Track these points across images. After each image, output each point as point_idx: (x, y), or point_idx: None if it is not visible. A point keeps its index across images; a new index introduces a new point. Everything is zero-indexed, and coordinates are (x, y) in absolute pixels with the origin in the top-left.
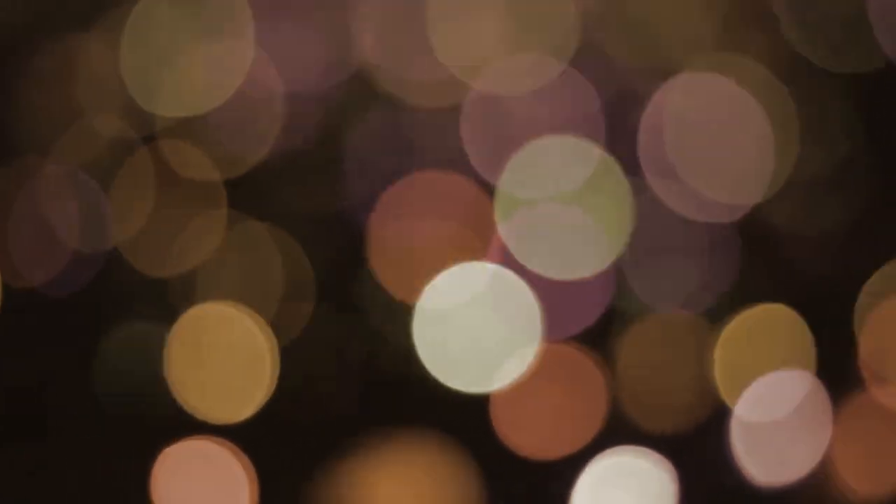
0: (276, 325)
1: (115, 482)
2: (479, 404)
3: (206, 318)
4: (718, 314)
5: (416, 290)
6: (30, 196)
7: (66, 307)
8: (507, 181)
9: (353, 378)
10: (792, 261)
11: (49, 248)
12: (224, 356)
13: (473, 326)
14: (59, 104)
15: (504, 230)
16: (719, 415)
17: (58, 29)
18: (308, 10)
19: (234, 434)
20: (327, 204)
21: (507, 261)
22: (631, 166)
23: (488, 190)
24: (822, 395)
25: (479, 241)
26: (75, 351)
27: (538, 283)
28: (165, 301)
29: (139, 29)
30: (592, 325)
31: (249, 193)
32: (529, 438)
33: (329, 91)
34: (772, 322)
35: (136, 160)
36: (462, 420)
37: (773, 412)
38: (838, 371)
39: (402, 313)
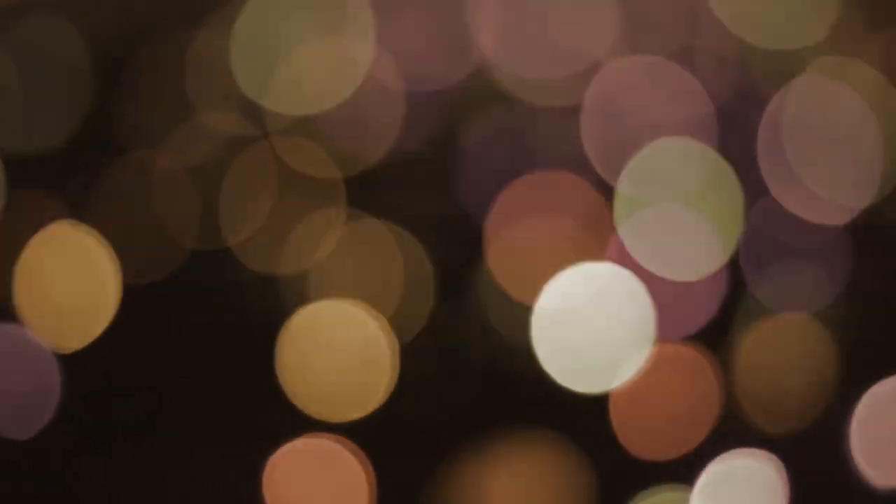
0: (396, 324)
1: (230, 482)
2: (595, 404)
3: (325, 316)
4: (833, 315)
5: (534, 291)
6: (147, 193)
7: (182, 305)
8: (626, 182)
9: (472, 378)
10: None
11: (166, 246)
12: (343, 354)
13: (590, 327)
14: (175, 100)
15: (621, 231)
16: (836, 416)
17: (173, 24)
18: (427, 9)
19: (352, 433)
20: (446, 203)
21: (624, 261)
22: (746, 168)
23: (606, 190)
24: None
25: (596, 242)
26: (191, 350)
27: (653, 284)
28: (281, 299)
29: (256, 24)
30: (707, 325)
31: (368, 192)
32: (645, 439)
33: (448, 90)
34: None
35: (253, 157)
36: (579, 420)
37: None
38: None
39: (520, 313)
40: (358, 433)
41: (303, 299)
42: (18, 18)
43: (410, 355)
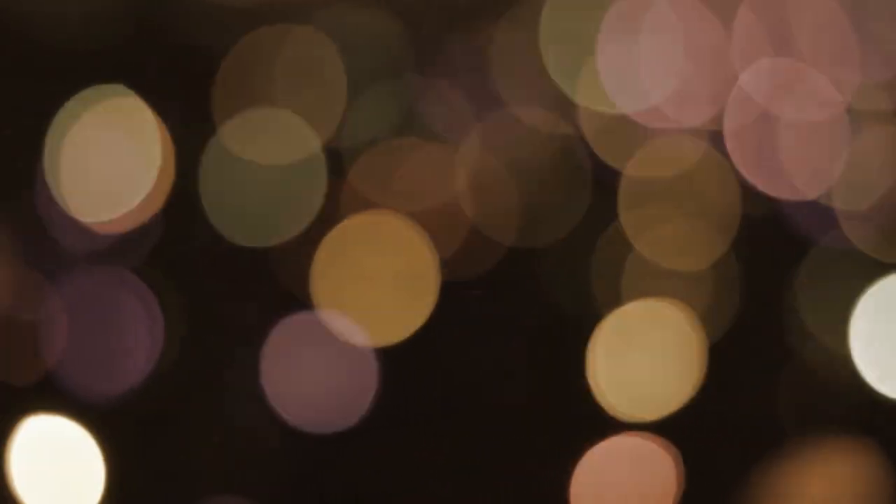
0: (704, 322)
1: (539, 480)
2: None
3: (637, 316)
4: None
5: (851, 296)
6: (465, 188)
7: (496, 303)
8: None
9: (776, 377)
10: None
11: (484, 244)
12: (653, 353)
13: None
14: (490, 95)
15: None
16: None
17: (487, 17)
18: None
19: (661, 431)
20: (757, 204)
21: None
22: None
23: None
24: None
25: None
26: (504, 347)
27: None
28: (591, 300)
29: (563, 18)
30: None
31: (680, 192)
32: None
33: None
34: None
35: (568, 155)
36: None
37: None
38: None
39: (834, 316)
40: (666, 431)
41: (612, 300)
42: (342, 13)
43: (716, 353)
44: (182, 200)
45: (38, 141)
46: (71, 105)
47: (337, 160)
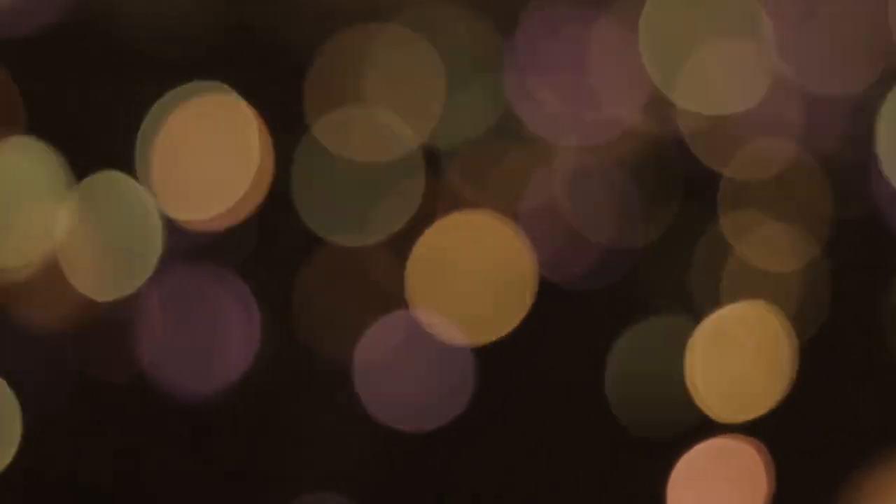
0: (796, 324)
1: (632, 483)
2: None
3: (732, 318)
4: None
5: None
6: (561, 188)
7: (590, 304)
8: None
9: (867, 378)
10: None
11: (581, 244)
12: (747, 355)
13: None
14: (584, 94)
15: None
16: None
17: (576, 19)
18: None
19: (752, 432)
20: (855, 207)
21: None
22: None
23: None
24: None
25: None
26: (598, 348)
27: None
28: (690, 301)
29: (662, 18)
30: None
31: (776, 195)
32: None
33: (858, 92)
34: None
35: (664, 156)
36: None
37: None
38: None
39: None
40: (758, 432)
41: (711, 301)
42: (438, 12)
43: (808, 355)
44: (279, 199)
45: (137, 139)
46: (169, 102)
47: (434, 159)
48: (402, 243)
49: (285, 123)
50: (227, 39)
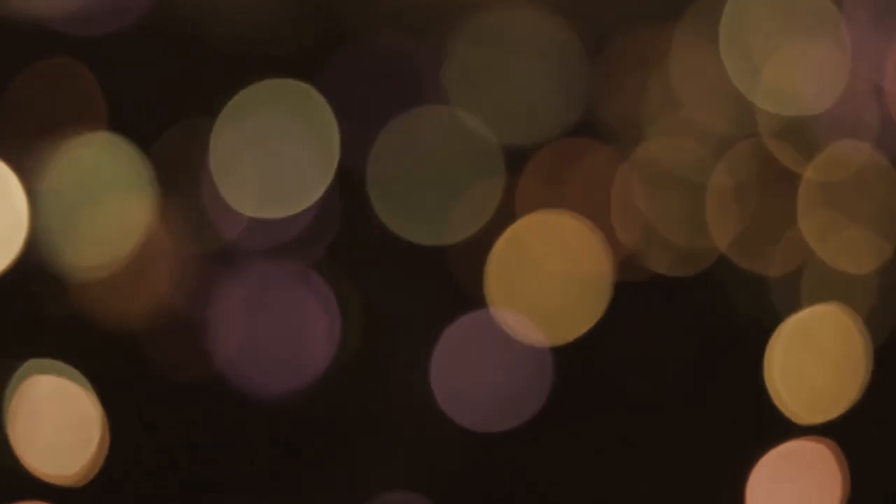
0: (870, 325)
1: (713, 485)
2: None
3: (812, 320)
4: None
5: None
6: (636, 189)
7: (670, 303)
8: None
9: None
10: None
11: (659, 244)
12: (824, 357)
13: None
14: (664, 95)
15: None
16: None
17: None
18: None
19: (827, 433)
20: None
21: None
22: None
23: None
24: None
25: None
26: (676, 349)
27: None
28: (769, 302)
29: (743, 20)
30: None
31: (854, 196)
32: None
33: None
34: None
35: (743, 156)
36: None
37: None
38: None
39: None
40: (833, 433)
41: (792, 303)
42: (518, 12)
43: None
44: (359, 197)
45: (216, 136)
46: (248, 99)
47: (513, 159)
48: (481, 243)
49: (364, 121)
50: (306, 37)
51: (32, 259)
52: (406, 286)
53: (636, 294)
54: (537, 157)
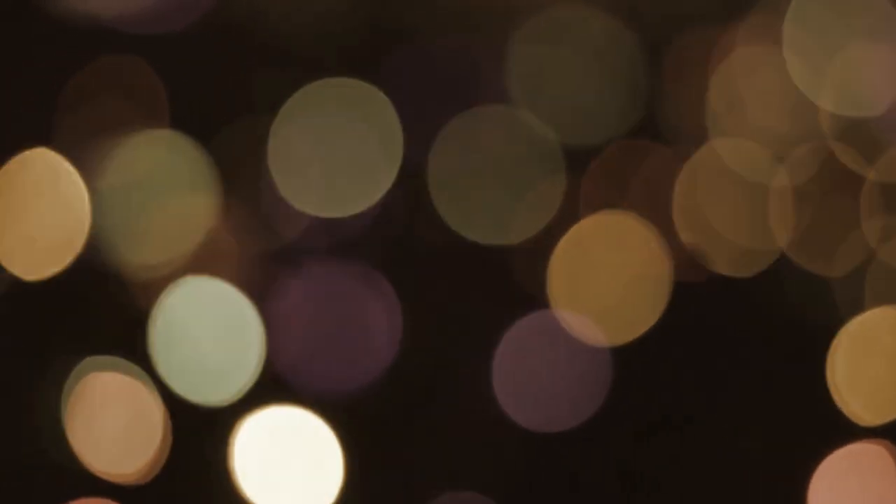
0: None
1: (770, 485)
2: None
3: (877, 323)
4: None
5: None
6: (699, 191)
7: (729, 303)
8: None
9: None
10: None
11: (719, 245)
12: (885, 358)
13: None
14: (721, 95)
15: None
16: None
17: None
18: None
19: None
20: None
21: None
22: None
23: None
24: None
25: None
26: (735, 349)
27: None
28: (832, 303)
29: (806, 21)
30: None
31: None
32: None
33: None
34: None
35: (803, 157)
36: None
37: None
38: None
39: None
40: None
41: (857, 304)
42: (578, 14)
43: None
44: (421, 196)
45: (276, 134)
46: (307, 97)
47: (574, 159)
48: (543, 243)
49: (425, 120)
50: (365, 37)
51: (95, 257)
52: (468, 286)
53: (697, 294)
54: (599, 158)
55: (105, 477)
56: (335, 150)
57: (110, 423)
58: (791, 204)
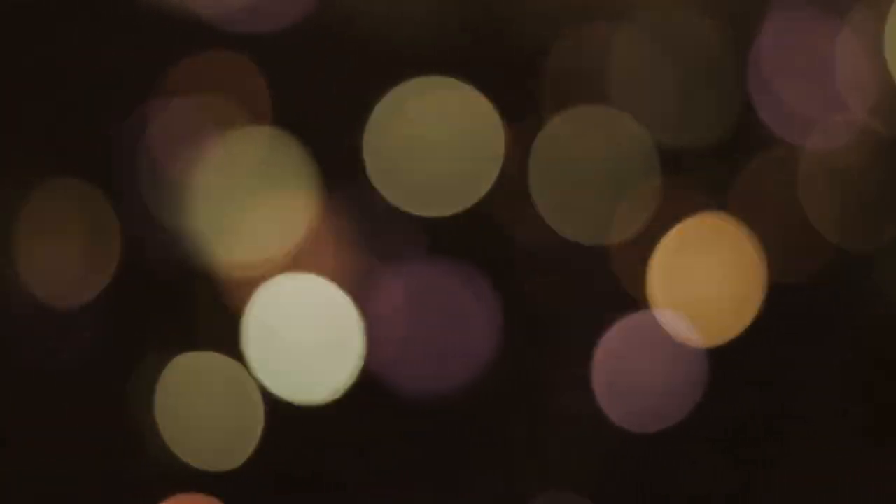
0: None
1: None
2: None
3: None
4: None
5: None
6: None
7: (826, 305)
8: None
9: None
10: None
11: (814, 245)
12: None
13: None
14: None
15: None
16: None
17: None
18: None
19: None
20: None
21: None
22: None
23: None
24: None
25: None
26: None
27: None
28: None
29: None
30: None
31: None
32: None
33: None
34: None
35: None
36: None
37: None
38: None
39: None
40: None
41: None
42: (673, 14)
43: None
44: (520, 196)
45: (377, 133)
46: (406, 96)
47: (673, 160)
48: (642, 243)
49: (523, 121)
50: (464, 36)
51: (195, 253)
52: (567, 285)
53: (792, 295)
54: (697, 159)
55: (207, 469)
56: (435, 150)
57: (211, 417)
58: (890, 205)
